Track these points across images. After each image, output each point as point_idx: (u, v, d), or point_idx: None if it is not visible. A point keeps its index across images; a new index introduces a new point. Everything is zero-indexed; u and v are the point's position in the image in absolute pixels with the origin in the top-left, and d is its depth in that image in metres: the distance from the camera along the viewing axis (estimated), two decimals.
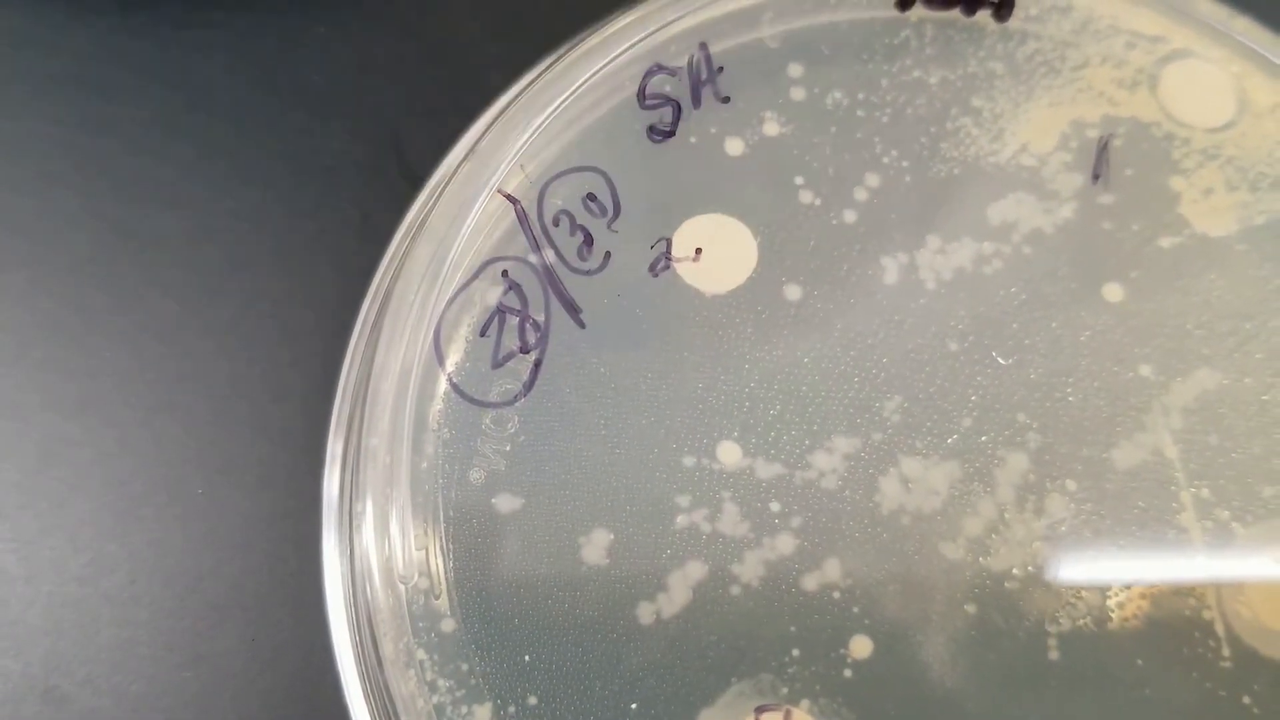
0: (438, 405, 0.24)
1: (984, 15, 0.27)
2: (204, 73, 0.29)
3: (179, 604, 0.25)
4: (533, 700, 0.22)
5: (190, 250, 0.28)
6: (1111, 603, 0.23)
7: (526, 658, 0.22)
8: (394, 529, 0.23)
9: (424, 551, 0.23)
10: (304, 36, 0.30)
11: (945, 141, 0.26)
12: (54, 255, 0.27)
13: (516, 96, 0.26)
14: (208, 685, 0.24)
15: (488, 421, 0.24)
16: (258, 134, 0.29)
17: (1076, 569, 0.23)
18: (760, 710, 0.22)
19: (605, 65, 0.26)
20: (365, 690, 0.23)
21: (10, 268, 0.27)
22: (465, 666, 0.22)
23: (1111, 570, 0.23)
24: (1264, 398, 0.25)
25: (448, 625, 0.22)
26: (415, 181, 0.26)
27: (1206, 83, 0.27)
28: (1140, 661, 0.23)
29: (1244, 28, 0.27)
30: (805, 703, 0.22)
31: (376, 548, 0.22)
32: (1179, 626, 0.23)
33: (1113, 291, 0.25)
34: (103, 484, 0.26)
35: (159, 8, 0.30)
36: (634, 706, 0.22)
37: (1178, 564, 0.23)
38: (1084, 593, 0.23)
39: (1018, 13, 0.27)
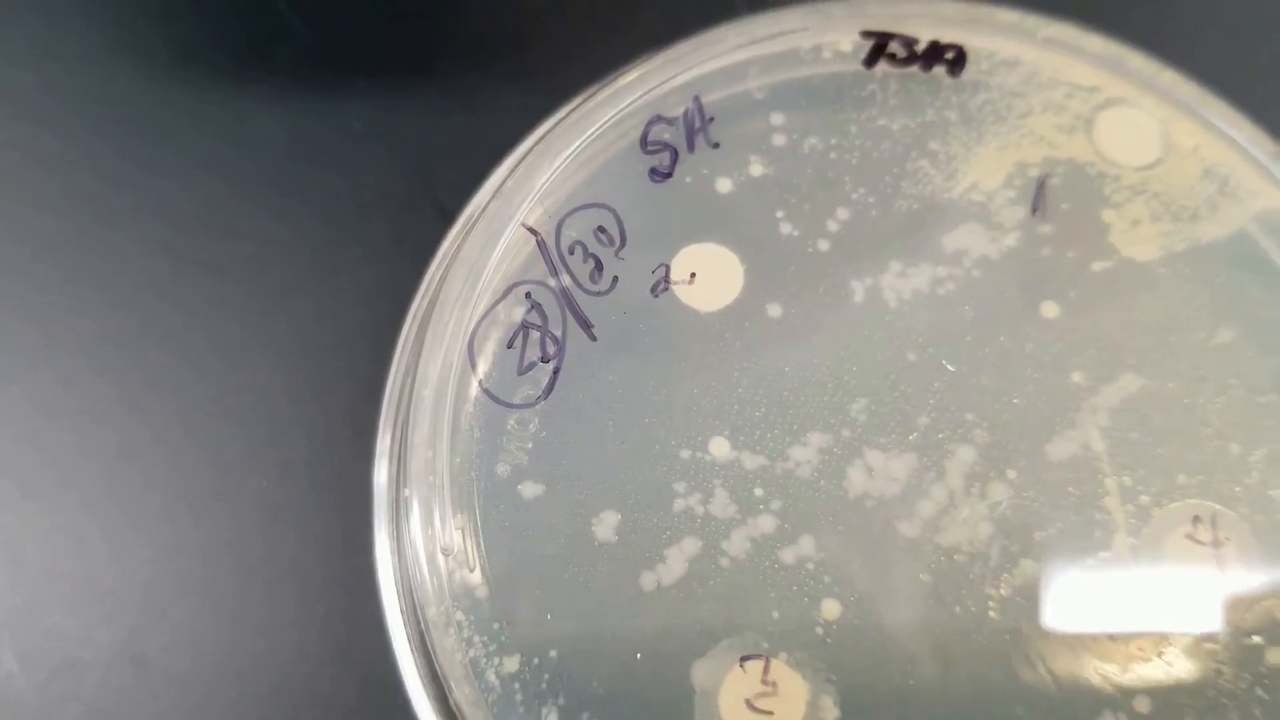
0: (470, 407, 0.25)
1: (939, 70, 0.29)
2: (256, 123, 0.32)
3: (246, 581, 0.27)
4: (553, 653, 0.24)
5: (248, 276, 0.30)
6: (1043, 571, 0.25)
7: (548, 617, 0.24)
8: (435, 513, 0.25)
9: (461, 531, 0.25)
10: (346, 89, 0.32)
11: (906, 180, 0.28)
12: (131, 280, 0.30)
13: (536, 143, 0.28)
14: (273, 650, 0.27)
15: (513, 421, 0.25)
16: (306, 176, 0.31)
17: (1014, 544, 0.25)
18: (744, 659, 0.24)
19: (613, 116, 0.28)
20: (412, 648, 0.25)
21: (93, 289, 0.30)
22: (496, 626, 0.24)
23: (1044, 544, 0.25)
24: (1184, 401, 0.26)
25: (481, 592, 0.24)
26: (448, 217, 0.28)
27: (1136, 127, 0.29)
28: (1065, 620, 0.25)
29: (1170, 79, 0.29)
30: (783, 655, 0.24)
31: (421, 529, 0.24)
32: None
33: (1050, 309, 0.27)
34: (177, 478, 0.28)
35: (215, 65, 0.32)
36: (638, 656, 0.24)
37: (1103, 539, 0.25)
38: (1020, 562, 0.25)
39: (970, 67, 0.29)
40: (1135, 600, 0.25)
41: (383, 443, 0.27)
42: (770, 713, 0.24)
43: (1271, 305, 0.28)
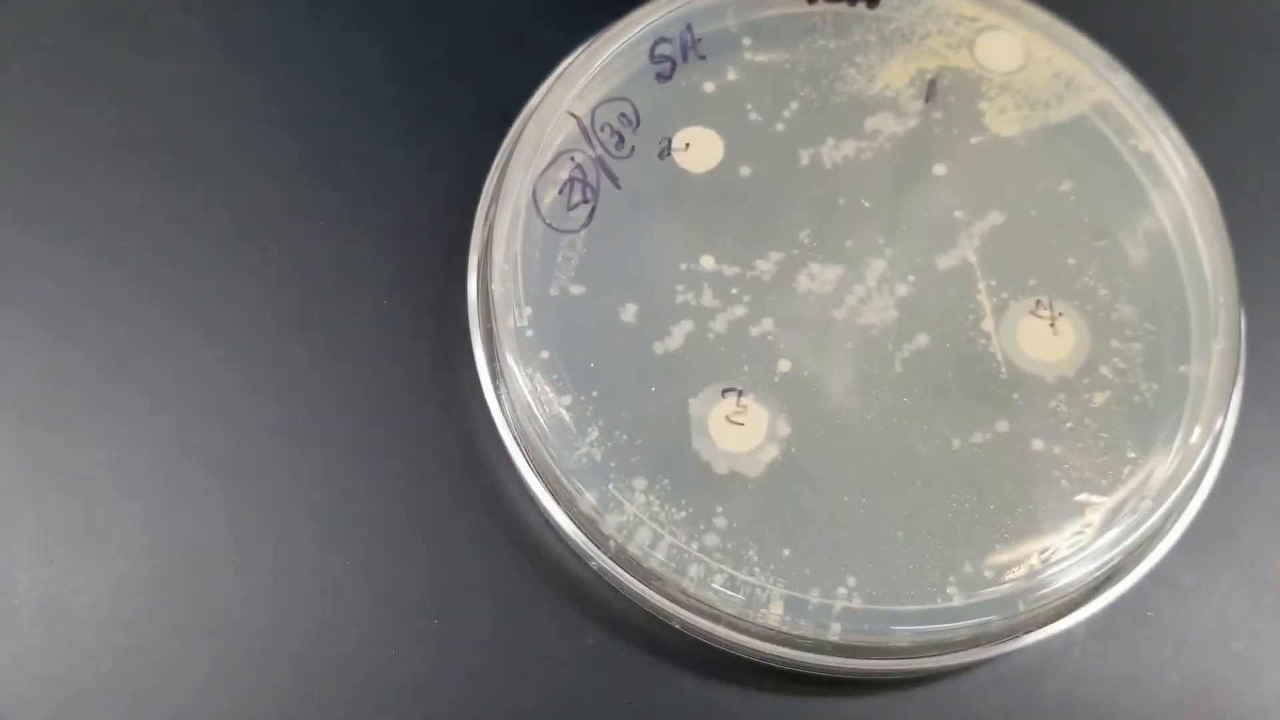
0: (535, 234, 0.33)
1: (862, 6, 0.37)
2: (371, 58, 0.40)
3: (377, 359, 0.35)
4: (595, 392, 0.31)
5: (376, 162, 0.37)
6: (934, 338, 0.33)
7: (591, 365, 0.31)
8: (511, 304, 0.32)
9: (528, 316, 0.32)
10: (435, 29, 0.40)
11: (839, 83, 0.36)
12: (284, 157, 0.37)
13: (576, 58, 0.35)
14: (398, 404, 0.34)
15: (564, 244, 0.33)
16: (408, 91, 0.39)
17: (913, 321, 0.33)
18: (725, 390, 0.32)
19: (629, 38, 0.35)
20: (499, 396, 0.33)
21: (261, 166, 0.37)
22: (555, 376, 0.31)
23: (934, 321, 0.33)
24: (1034, 230, 0.34)
25: (544, 355, 0.31)
26: (509, 116, 0.36)
27: (1006, 44, 0.37)
28: (950, 374, 0.33)
29: (1031, 10, 0.38)
30: (751, 395, 0.31)
31: (499, 316, 0.32)
32: (975, 353, 0.33)
33: (940, 169, 0.35)
34: (328, 290, 0.36)
35: (331, 11, 0.41)
36: (653, 390, 0.32)
37: (974, 320, 0.34)
38: (916, 335, 0.33)
39: (884, 4, 0.37)
40: (998, 359, 0.33)
41: (473, 258, 0.33)
42: (742, 424, 0.33)
43: (1103, 168, 0.37)
